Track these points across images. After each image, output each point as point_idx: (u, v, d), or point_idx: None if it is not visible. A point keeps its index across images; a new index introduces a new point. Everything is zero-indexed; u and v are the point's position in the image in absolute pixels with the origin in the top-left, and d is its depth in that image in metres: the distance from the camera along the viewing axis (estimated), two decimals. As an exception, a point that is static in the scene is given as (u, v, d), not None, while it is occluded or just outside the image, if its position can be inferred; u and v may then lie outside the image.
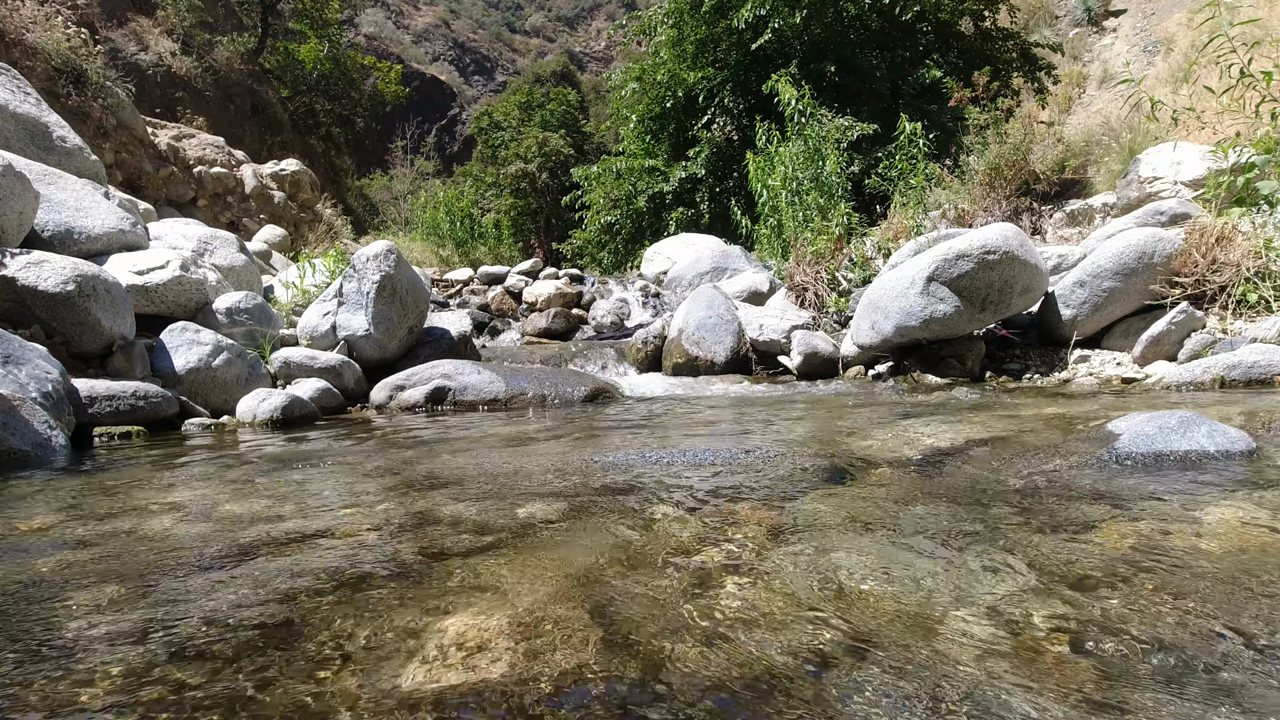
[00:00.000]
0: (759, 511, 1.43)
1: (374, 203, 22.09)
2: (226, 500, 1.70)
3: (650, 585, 1.06)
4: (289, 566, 1.19)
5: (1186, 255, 3.68)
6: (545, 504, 1.55)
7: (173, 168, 10.44)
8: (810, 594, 1.01)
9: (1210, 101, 4.65)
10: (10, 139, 4.61)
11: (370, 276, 4.25)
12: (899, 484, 1.63)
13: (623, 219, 12.19)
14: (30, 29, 8.80)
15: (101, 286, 3.38)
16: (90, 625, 0.97)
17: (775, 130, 7.73)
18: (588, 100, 31.88)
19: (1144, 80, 4.80)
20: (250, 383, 3.66)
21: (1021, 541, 1.20)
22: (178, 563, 1.24)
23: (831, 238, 5.93)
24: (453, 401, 3.73)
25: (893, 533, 1.27)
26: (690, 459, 1.97)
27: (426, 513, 1.53)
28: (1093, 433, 2.00)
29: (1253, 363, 2.98)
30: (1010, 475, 1.66)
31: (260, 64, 17.04)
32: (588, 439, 2.59)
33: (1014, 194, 6.84)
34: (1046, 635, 0.86)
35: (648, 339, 5.20)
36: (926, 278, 3.87)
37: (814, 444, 2.20)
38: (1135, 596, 0.96)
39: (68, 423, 2.68)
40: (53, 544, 1.37)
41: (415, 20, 54.79)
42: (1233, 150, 4.11)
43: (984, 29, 11.51)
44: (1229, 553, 1.11)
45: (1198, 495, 1.41)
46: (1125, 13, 14.91)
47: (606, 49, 51.64)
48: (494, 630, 0.91)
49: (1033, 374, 3.86)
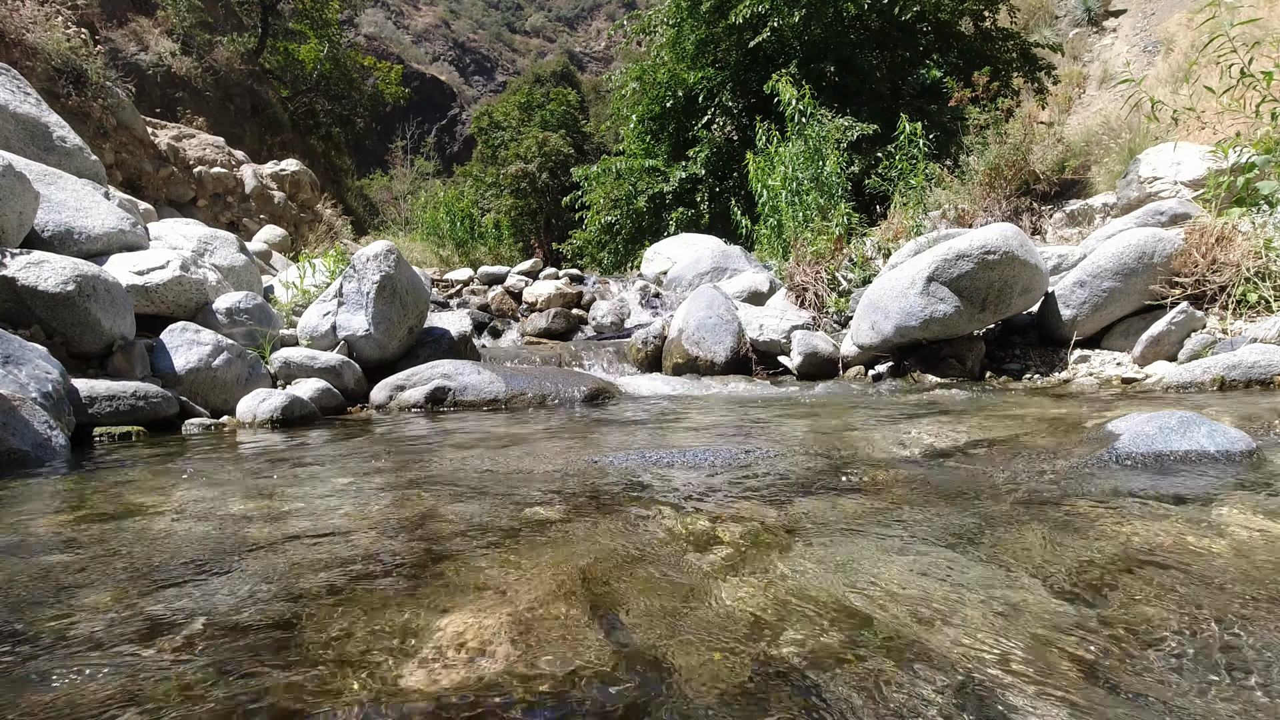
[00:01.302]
0: (759, 512, 1.43)
1: (374, 203, 22.10)
2: (226, 500, 1.70)
3: (650, 585, 1.06)
4: (289, 566, 1.19)
5: (1186, 255, 3.68)
6: (545, 504, 1.55)
7: (173, 168, 10.44)
8: (810, 593, 1.01)
9: (1210, 101, 4.65)
10: (10, 139, 4.61)
11: (370, 276, 4.25)
12: (899, 484, 1.63)
13: (623, 219, 12.19)
14: (30, 29, 8.80)
15: (101, 286, 3.38)
16: (91, 625, 0.98)
17: (775, 130, 7.73)
18: (588, 100, 31.88)
19: (1144, 80, 4.80)
20: (250, 383, 3.66)
21: (1021, 542, 1.20)
22: (178, 563, 1.24)
23: (831, 238, 5.94)
24: (453, 402, 3.73)
25: (893, 533, 1.27)
26: (690, 459, 1.97)
27: (426, 513, 1.53)
28: (1093, 433, 2.00)
29: (1253, 363, 2.98)
30: (1010, 476, 1.66)
31: (260, 64, 17.04)
32: (588, 439, 2.59)
33: (1014, 194, 6.84)
34: (1046, 635, 0.86)
35: (648, 339, 5.20)
36: (926, 278, 3.87)
37: (814, 444, 2.20)
38: (1135, 596, 0.96)
39: (68, 423, 2.68)
40: (53, 544, 1.37)
41: (415, 20, 54.80)
42: (1233, 150, 4.11)
43: (984, 29, 11.52)
44: (1229, 553, 1.11)
45: (1198, 495, 1.41)
46: (1125, 13, 14.91)
47: (606, 49, 51.66)
48: (494, 629, 0.91)
49: (1033, 374, 3.86)
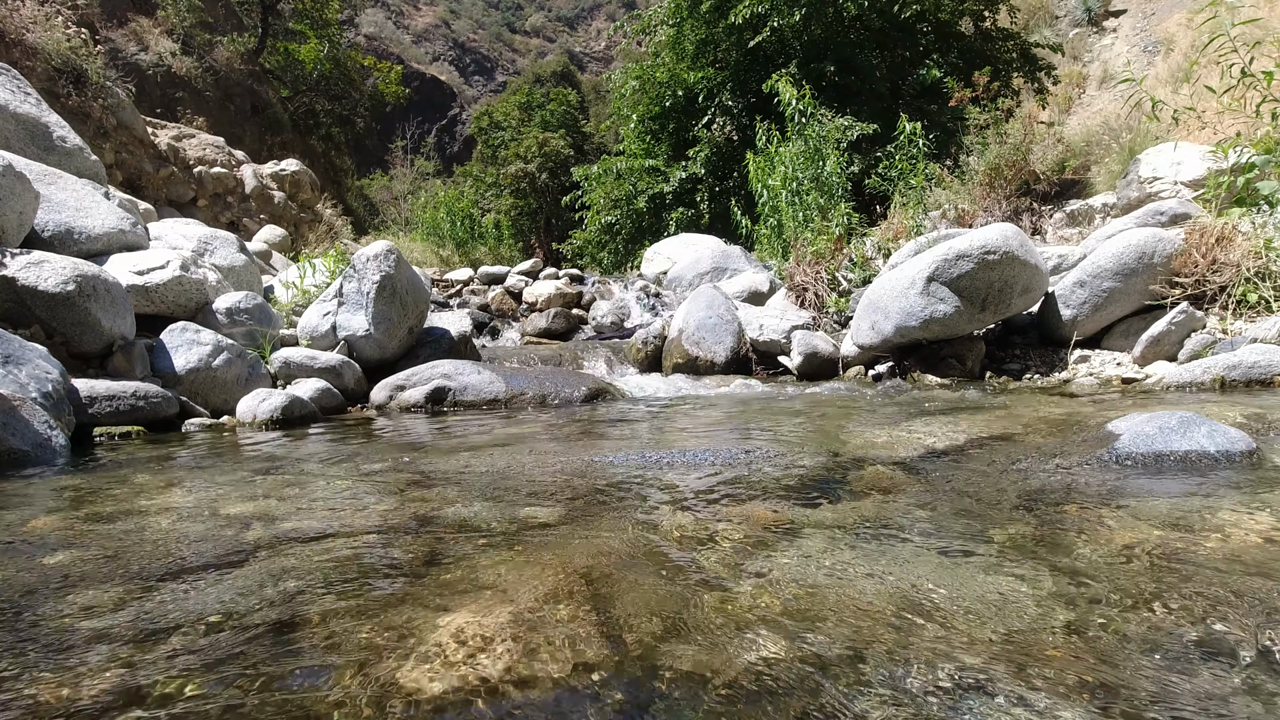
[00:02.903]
0: (759, 511, 1.43)
1: (374, 203, 22.09)
2: (227, 500, 1.70)
3: (650, 584, 1.06)
4: (289, 565, 1.19)
5: (1186, 255, 3.68)
6: (545, 504, 1.55)
7: (173, 168, 10.44)
8: (809, 593, 1.01)
9: (1210, 101, 4.65)
10: (10, 139, 4.61)
11: (370, 277, 4.25)
12: (899, 484, 1.63)
13: (623, 219, 12.19)
14: (30, 29, 8.80)
15: (101, 286, 3.38)
16: (91, 624, 0.97)
17: (775, 130, 7.72)
18: (588, 100, 31.88)
19: (1144, 80, 4.79)
20: (250, 383, 3.66)
21: (1020, 541, 1.20)
22: (178, 562, 1.24)
23: (831, 238, 5.93)
24: (453, 401, 3.73)
25: (893, 532, 1.27)
26: (690, 459, 1.97)
27: (426, 512, 1.53)
28: (1093, 433, 2.00)
29: (1253, 363, 2.98)
30: (1010, 475, 1.66)
31: (260, 64, 17.04)
32: (588, 439, 2.59)
33: (1014, 194, 6.84)
34: (1046, 634, 0.86)
35: (648, 339, 5.20)
36: (926, 278, 3.87)
37: (814, 444, 2.20)
38: (1135, 596, 0.96)
39: (68, 423, 2.68)
40: (53, 544, 1.37)
41: (415, 20, 54.79)
42: (1233, 150, 4.11)
43: (984, 29, 11.52)
44: (1230, 552, 1.11)
45: (1198, 495, 1.41)
46: (1125, 13, 14.91)
47: (606, 49, 51.65)
48: (494, 628, 0.91)
49: (1033, 374, 3.86)
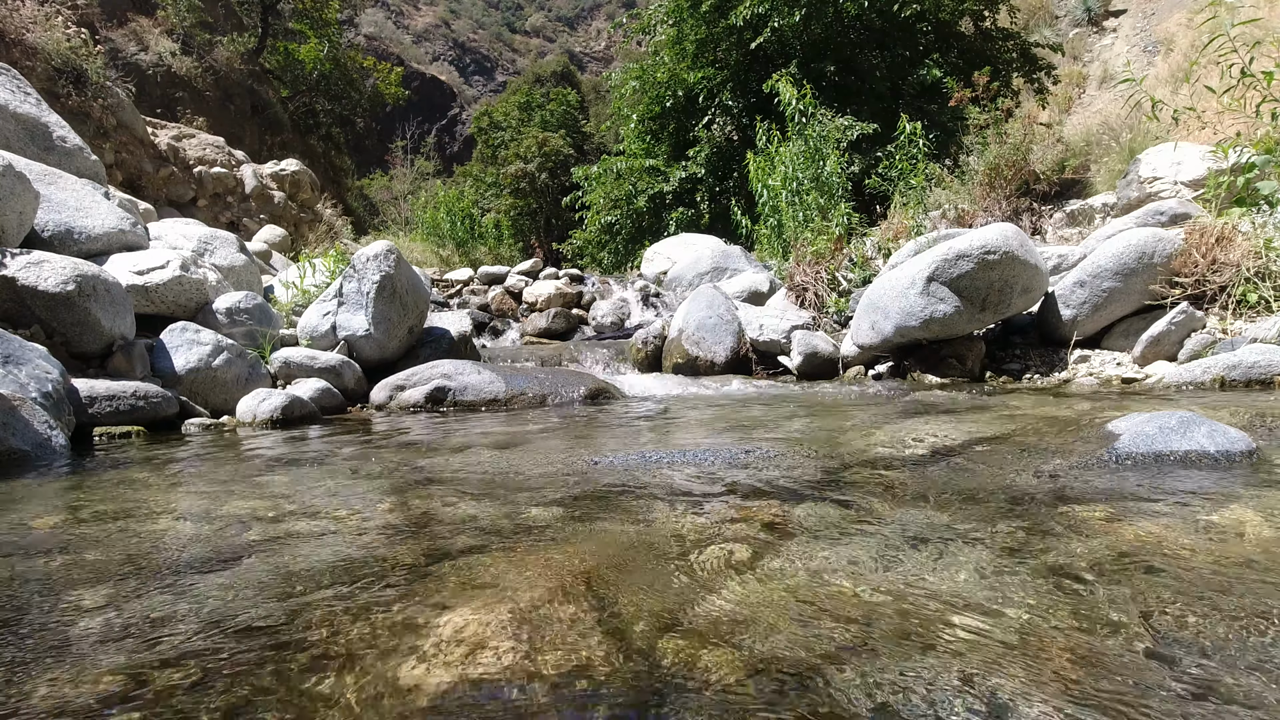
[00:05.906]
0: (759, 511, 1.43)
1: (374, 203, 22.08)
2: (227, 500, 1.70)
3: (651, 584, 1.06)
4: (288, 565, 1.19)
5: (1186, 255, 3.68)
6: (545, 503, 1.55)
7: (173, 168, 10.44)
8: (809, 593, 1.01)
9: (1211, 101, 4.65)
10: (10, 139, 4.61)
11: (370, 276, 4.25)
12: (899, 484, 1.63)
13: (623, 219, 12.19)
14: (30, 29, 8.80)
15: (101, 286, 3.38)
16: (92, 624, 0.97)
17: (775, 130, 7.72)
18: (588, 100, 31.85)
19: (1144, 80, 4.79)
20: (250, 383, 3.66)
21: (1020, 541, 1.20)
22: (178, 562, 1.24)
23: (831, 238, 5.93)
24: (453, 401, 3.73)
25: (893, 532, 1.27)
26: (690, 458, 1.97)
27: (426, 512, 1.53)
28: (1093, 433, 2.00)
29: (1253, 363, 2.98)
30: (1010, 475, 1.66)
31: (260, 64, 17.04)
32: (588, 439, 2.60)
33: (1014, 194, 6.85)
34: (1045, 634, 0.86)
35: (648, 339, 5.20)
36: (926, 278, 3.87)
37: (814, 444, 2.20)
38: (1134, 596, 0.96)
39: (68, 423, 2.68)
40: (53, 544, 1.37)
41: (415, 20, 54.80)
42: (1233, 150, 4.11)
43: (984, 29, 11.52)
44: (1230, 553, 1.11)
45: (1198, 495, 1.41)
46: (1125, 13, 14.91)
47: (606, 49, 51.65)
48: (494, 626, 0.91)
49: (1033, 374, 3.86)
